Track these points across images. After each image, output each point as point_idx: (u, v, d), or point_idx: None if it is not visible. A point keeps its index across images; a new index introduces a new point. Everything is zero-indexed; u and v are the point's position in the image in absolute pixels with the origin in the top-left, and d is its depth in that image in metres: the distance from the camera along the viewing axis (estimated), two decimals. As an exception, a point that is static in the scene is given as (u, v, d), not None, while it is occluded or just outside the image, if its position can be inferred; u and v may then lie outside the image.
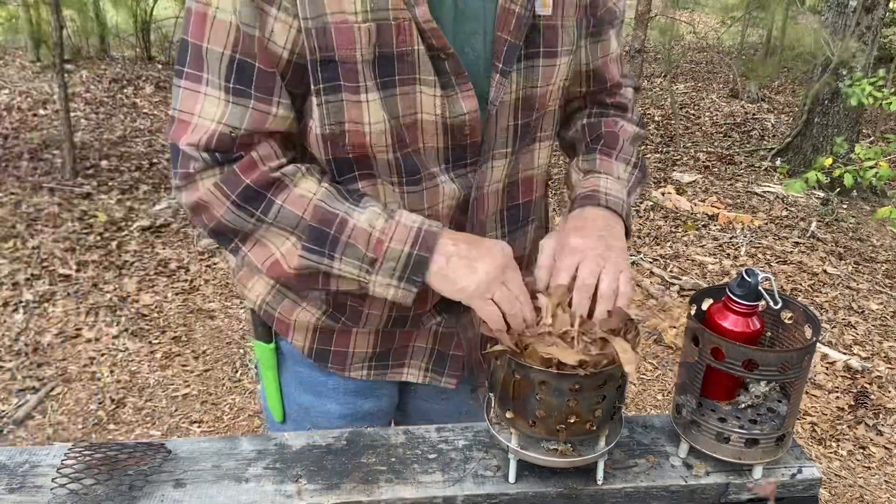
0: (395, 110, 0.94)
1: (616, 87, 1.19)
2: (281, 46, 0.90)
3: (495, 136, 1.03)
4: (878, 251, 4.39)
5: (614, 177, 1.10)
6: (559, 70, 1.04)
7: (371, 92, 0.92)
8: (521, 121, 1.04)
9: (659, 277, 3.88)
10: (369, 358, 1.18)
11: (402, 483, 1.00)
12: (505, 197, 1.10)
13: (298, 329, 1.17)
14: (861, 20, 5.10)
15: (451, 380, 1.21)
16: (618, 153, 1.13)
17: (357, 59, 0.89)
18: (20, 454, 1.03)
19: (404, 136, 0.96)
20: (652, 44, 8.50)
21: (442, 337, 1.17)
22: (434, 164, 1.01)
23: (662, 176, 5.35)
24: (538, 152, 1.11)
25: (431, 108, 0.95)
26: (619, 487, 1.01)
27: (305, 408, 1.25)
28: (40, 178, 4.77)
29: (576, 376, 0.92)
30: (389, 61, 0.91)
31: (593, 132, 1.17)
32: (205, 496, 0.97)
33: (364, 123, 0.93)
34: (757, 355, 0.96)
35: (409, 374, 1.21)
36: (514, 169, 1.09)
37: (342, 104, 0.92)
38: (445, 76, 0.94)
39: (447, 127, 0.97)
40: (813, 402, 2.96)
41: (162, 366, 3.07)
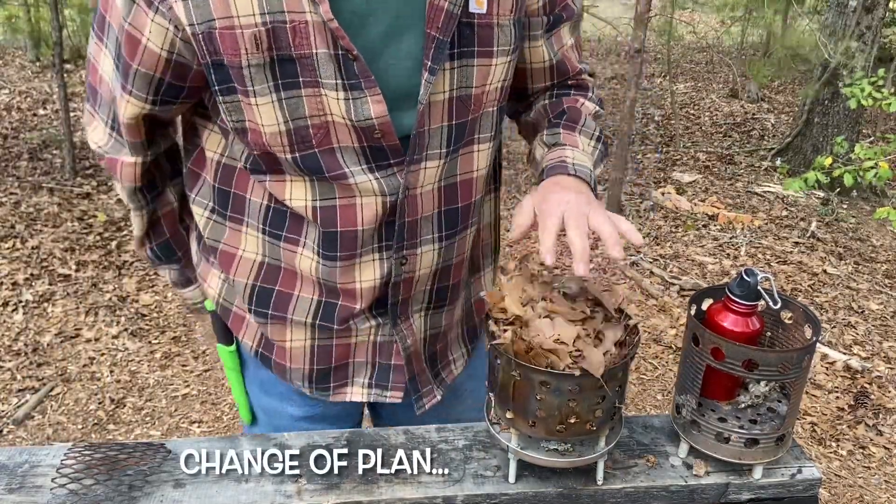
0: (300, 111, 0.93)
1: (577, 73, 1.19)
2: (158, 47, 0.92)
3: (428, 137, 1.00)
4: (878, 251, 4.39)
5: (579, 149, 1.10)
6: (495, 70, 1.02)
7: (261, 96, 0.92)
8: (456, 121, 1.02)
9: (659, 277, 3.88)
10: (308, 376, 1.17)
11: (402, 483, 1.00)
12: (441, 199, 1.07)
13: (250, 327, 1.17)
14: (861, 20, 5.10)
15: (396, 393, 1.18)
16: (580, 127, 1.13)
17: (243, 65, 0.90)
18: (20, 454, 1.03)
19: (309, 136, 0.95)
20: (652, 44, 8.50)
21: (380, 347, 1.15)
22: (353, 164, 0.99)
23: (662, 176, 5.35)
24: (477, 154, 1.08)
25: (338, 110, 0.94)
26: (619, 487, 1.01)
27: (268, 411, 1.25)
28: (40, 177, 4.77)
29: (576, 376, 0.92)
30: (290, 64, 0.90)
31: (555, 109, 1.16)
32: (205, 496, 0.97)
33: (259, 124, 0.94)
34: (757, 355, 0.96)
35: (352, 394, 1.19)
36: (452, 171, 1.06)
37: (239, 104, 0.94)
38: (353, 78, 0.92)
39: (357, 129, 0.96)
40: (813, 402, 2.96)
41: (162, 366, 3.06)
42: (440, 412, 1.26)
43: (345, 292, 1.08)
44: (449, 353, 1.25)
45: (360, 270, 1.07)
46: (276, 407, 1.23)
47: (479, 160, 1.08)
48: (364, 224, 1.03)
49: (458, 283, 1.18)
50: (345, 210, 1.02)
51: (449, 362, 1.25)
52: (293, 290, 1.11)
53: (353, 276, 1.07)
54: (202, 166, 1.11)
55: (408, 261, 1.08)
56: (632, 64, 4.28)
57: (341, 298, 1.09)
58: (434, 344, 1.20)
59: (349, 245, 1.04)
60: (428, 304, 1.16)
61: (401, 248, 1.07)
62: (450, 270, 1.14)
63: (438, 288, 1.15)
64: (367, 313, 1.12)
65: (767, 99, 7.64)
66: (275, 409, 1.24)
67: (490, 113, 1.06)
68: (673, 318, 3.50)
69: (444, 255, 1.11)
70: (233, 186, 1.08)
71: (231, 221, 1.11)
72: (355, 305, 1.10)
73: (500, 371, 0.97)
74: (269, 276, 1.11)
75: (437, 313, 1.18)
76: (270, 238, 1.08)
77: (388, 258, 1.07)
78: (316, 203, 1.02)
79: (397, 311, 1.12)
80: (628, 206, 4.73)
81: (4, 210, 4.26)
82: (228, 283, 1.16)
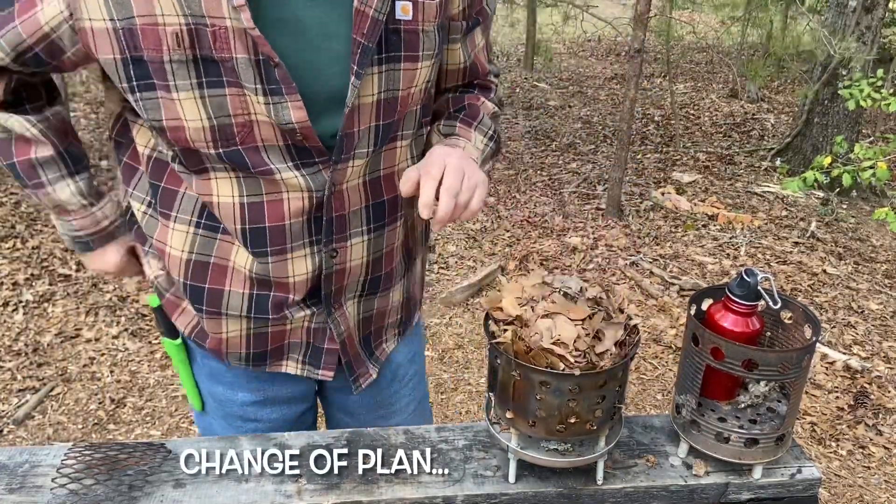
0: (224, 109, 0.95)
1: (486, 74, 1.24)
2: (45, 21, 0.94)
3: (357, 137, 1.03)
4: (878, 251, 4.39)
5: (472, 144, 1.15)
6: (420, 73, 1.06)
7: (183, 90, 0.93)
8: (383, 122, 1.05)
9: (659, 277, 3.88)
10: (245, 357, 1.19)
11: (402, 483, 1.00)
12: (368, 194, 1.10)
13: (185, 313, 1.19)
14: (861, 20, 5.10)
15: (326, 372, 1.23)
16: (477, 124, 1.18)
17: (164, 59, 0.91)
18: (20, 454, 1.03)
19: (232, 134, 0.97)
20: (651, 44, 8.50)
21: (314, 332, 1.18)
22: (278, 161, 1.01)
23: (662, 176, 5.35)
24: (400, 150, 1.12)
25: (262, 111, 0.96)
26: (619, 487, 1.01)
27: (218, 398, 1.27)
28: (40, 178, 4.77)
29: (576, 376, 0.92)
30: (212, 64, 0.93)
31: (457, 104, 1.21)
32: (205, 496, 0.97)
33: (182, 119, 0.96)
34: (756, 355, 0.96)
35: (287, 367, 1.22)
36: (376, 166, 1.10)
37: (158, 101, 0.95)
38: (274, 83, 0.94)
39: (282, 130, 0.98)
40: (813, 401, 2.96)
41: (162, 366, 3.06)
42: (375, 392, 1.32)
43: (278, 285, 1.11)
44: (384, 333, 1.29)
45: (293, 264, 1.09)
46: (227, 394, 1.25)
47: (400, 154, 1.13)
48: (291, 218, 1.05)
49: (392, 271, 1.21)
50: (272, 206, 1.04)
51: (382, 341, 1.29)
52: (224, 285, 1.12)
53: (286, 270, 1.09)
54: (137, 160, 1.12)
55: (338, 253, 1.11)
56: (631, 64, 4.28)
57: (274, 290, 1.12)
58: (368, 327, 1.24)
59: (278, 240, 1.07)
60: (362, 292, 1.19)
61: (330, 242, 1.09)
62: (381, 260, 1.18)
63: (372, 278, 1.18)
64: (301, 303, 1.14)
65: (767, 99, 7.64)
66: (225, 397, 1.26)
67: (414, 112, 1.11)
68: (673, 318, 3.50)
69: (374, 246, 1.15)
70: (163, 181, 1.09)
71: (161, 217, 1.12)
72: (288, 296, 1.13)
73: (500, 371, 0.97)
74: (197, 274, 1.12)
75: (370, 300, 1.21)
76: (206, 231, 1.09)
77: (318, 252, 1.10)
78: (243, 199, 1.04)
79: (331, 301, 1.15)
80: (628, 206, 4.73)
81: (4, 210, 4.26)
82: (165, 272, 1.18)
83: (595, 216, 4.61)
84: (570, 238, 4.29)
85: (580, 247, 4.18)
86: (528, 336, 0.98)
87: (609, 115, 6.84)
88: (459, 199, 1.01)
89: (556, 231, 4.39)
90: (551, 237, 4.31)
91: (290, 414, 1.29)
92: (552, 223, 4.50)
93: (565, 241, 4.25)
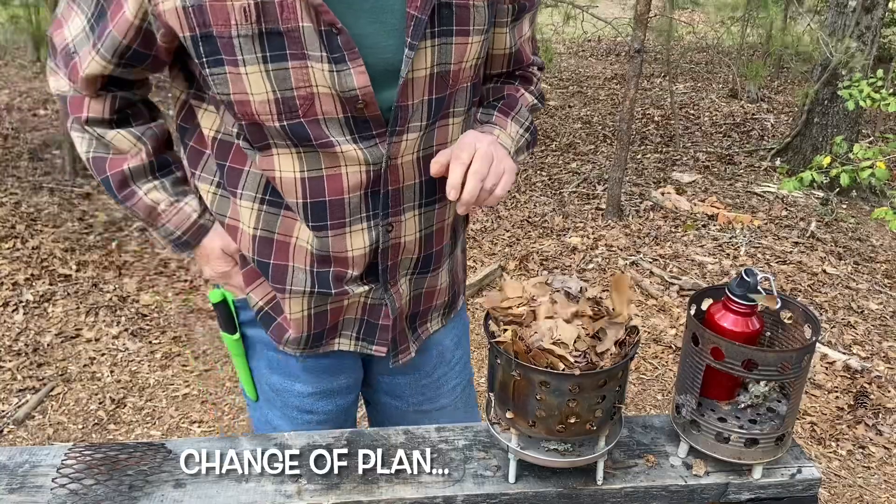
0: (287, 82, 0.99)
1: (529, 65, 1.28)
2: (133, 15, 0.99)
3: (411, 110, 1.06)
4: (878, 251, 4.39)
5: (506, 133, 1.19)
6: (471, 49, 1.09)
7: (250, 65, 0.97)
8: (436, 96, 1.09)
9: (659, 277, 3.88)
10: (304, 341, 1.22)
11: (402, 483, 1.00)
12: (421, 169, 1.13)
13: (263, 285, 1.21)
14: (861, 20, 5.10)
15: (380, 348, 1.26)
16: (514, 114, 1.22)
17: (233, 35, 0.95)
18: (20, 454, 1.03)
19: (295, 106, 1.01)
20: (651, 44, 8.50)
21: (370, 308, 1.22)
22: (337, 133, 1.04)
23: (662, 176, 5.35)
24: (451, 128, 1.15)
25: (324, 81, 0.99)
26: (619, 487, 1.01)
27: (276, 388, 1.30)
28: (40, 178, 4.77)
29: (576, 376, 0.92)
30: (277, 37, 0.96)
31: (497, 94, 1.26)
32: (205, 496, 0.97)
33: (248, 94, 1.00)
34: (756, 355, 0.96)
35: (340, 344, 1.26)
36: (429, 142, 1.13)
37: (226, 76, 0.99)
38: (337, 51, 0.98)
39: (342, 99, 1.01)
40: (812, 401, 2.96)
41: (162, 366, 3.07)
42: (423, 375, 1.37)
43: (337, 260, 1.14)
44: (429, 314, 1.33)
45: (351, 238, 1.12)
46: (285, 384, 1.29)
47: (452, 132, 1.15)
48: (350, 192, 1.08)
49: (441, 250, 1.25)
50: (331, 179, 1.07)
51: (427, 321, 1.33)
52: (287, 261, 1.16)
53: (344, 244, 1.12)
54: (203, 144, 1.16)
55: (393, 228, 1.14)
56: (631, 64, 4.28)
57: (333, 265, 1.15)
58: (417, 306, 1.28)
59: (338, 213, 1.10)
60: (414, 270, 1.23)
61: (386, 216, 1.13)
62: (432, 238, 1.21)
63: (424, 256, 1.22)
64: (359, 279, 1.17)
65: (767, 99, 7.64)
66: (283, 387, 1.29)
67: (465, 88, 1.13)
68: (673, 318, 3.50)
69: (425, 221, 1.18)
70: (228, 161, 1.13)
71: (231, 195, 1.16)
72: (348, 271, 1.15)
73: (500, 371, 0.98)
74: (263, 250, 1.16)
75: (421, 278, 1.25)
76: (270, 207, 1.13)
77: (375, 226, 1.13)
78: (304, 174, 1.07)
79: (387, 277, 1.18)
80: (628, 206, 4.73)
81: (5, 210, 4.26)
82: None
83: (595, 216, 4.62)
84: (570, 238, 4.29)
85: (580, 247, 4.18)
86: (528, 336, 0.98)
87: (609, 115, 6.84)
88: (485, 183, 1.05)
89: (556, 231, 4.39)
90: (551, 237, 4.31)
91: (343, 404, 1.33)
92: (552, 223, 4.50)
93: (565, 241, 4.25)
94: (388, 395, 1.40)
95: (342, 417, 1.34)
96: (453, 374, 1.42)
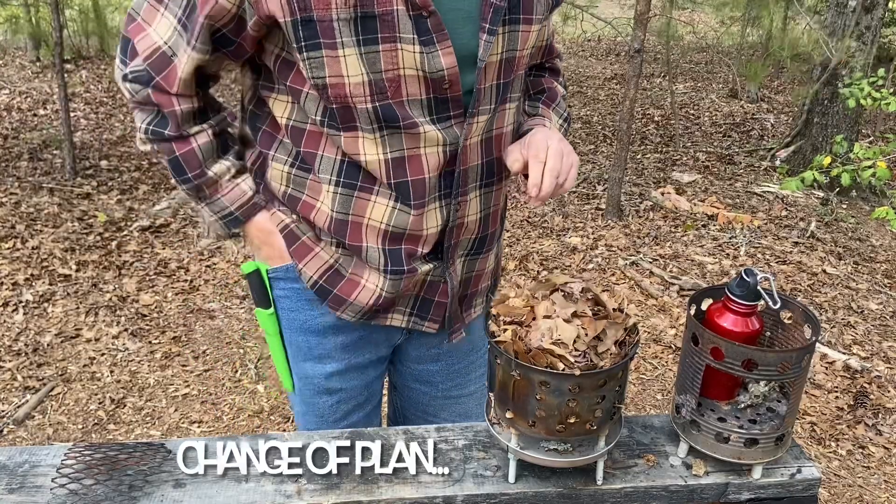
0: (377, 65, 1.04)
1: (556, 56, 1.39)
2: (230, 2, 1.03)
3: (483, 93, 1.12)
4: (878, 251, 4.39)
5: (553, 123, 1.29)
6: (532, 36, 1.16)
7: (348, 48, 1.02)
8: (503, 80, 1.15)
9: (658, 277, 3.88)
10: (364, 312, 1.25)
11: (402, 483, 1.00)
12: (484, 151, 1.20)
13: (317, 258, 1.23)
14: (860, 20, 5.10)
15: (432, 325, 1.30)
16: (555, 106, 1.34)
17: (333, 18, 1.00)
18: (20, 454, 1.03)
19: (385, 88, 1.05)
20: (651, 44, 8.50)
21: (430, 285, 1.26)
22: (419, 115, 1.09)
23: (662, 176, 5.35)
24: (508, 112, 1.21)
25: (413, 63, 1.04)
26: (619, 487, 1.01)
27: (305, 373, 1.33)
28: (40, 178, 4.77)
29: (576, 376, 0.92)
30: (371, 21, 1.01)
31: (536, 87, 1.36)
32: (205, 496, 0.97)
33: (344, 76, 1.04)
34: (756, 355, 0.96)
35: (393, 319, 1.29)
36: (491, 126, 1.19)
37: (323, 60, 1.03)
38: (426, 34, 1.03)
39: (428, 81, 1.06)
40: (812, 401, 2.96)
41: (162, 366, 3.07)
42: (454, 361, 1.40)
43: (410, 237, 1.19)
44: (475, 298, 1.36)
45: (428, 217, 1.18)
46: (315, 369, 1.32)
47: (508, 117, 1.22)
48: (430, 172, 1.14)
49: (495, 232, 1.31)
50: (413, 160, 1.13)
51: (472, 306, 1.37)
52: (361, 241, 1.19)
53: (422, 223, 1.17)
54: (276, 128, 1.20)
55: (460, 207, 1.20)
56: (631, 64, 4.28)
57: (405, 243, 1.19)
58: (467, 287, 1.32)
59: (420, 193, 1.15)
60: (469, 250, 1.28)
61: (457, 195, 1.18)
62: (488, 219, 1.27)
63: (480, 236, 1.28)
64: (425, 257, 1.22)
65: (767, 99, 7.65)
66: (314, 371, 1.32)
67: (521, 75, 1.22)
68: (673, 318, 3.50)
69: (484, 202, 1.24)
70: (302, 146, 1.17)
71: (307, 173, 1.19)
72: (418, 249, 1.19)
73: (500, 371, 0.98)
74: (339, 230, 1.20)
75: (473, 260, 1.30)
76: (344, 190, 1.16)
77: (447, 205, 1.19)
78: (387, 155, 1.11)
79: (449, 255, 1.23)
80: (628, 206, 4.73)
81: (5, 210, 4.26)
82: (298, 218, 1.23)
83: (595, 216, 4.62)
84: (569, 238, 4.29)
85: (580, 247, 4.18)
86: (528, 336, 0.98)
87: (609, 115, 6.84)
88: (559, 179, 1.13)
89: (555, 231, 4.39)
90: (551, 237, 4.31)
91: (368, 379, 1.36)
92: (552, 223, 4.50)
93: (565, 241, 4.25)
94: (418, 382, 1.43)
95: (365, 394, 1.37)
96: (482, 362, 1.45)
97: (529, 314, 1.01)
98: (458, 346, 1.38)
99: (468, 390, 1.44)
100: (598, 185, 5.11)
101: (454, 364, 1.41)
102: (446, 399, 1.43)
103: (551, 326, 0.99)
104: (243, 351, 3.18)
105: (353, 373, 1.33)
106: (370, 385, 1.37)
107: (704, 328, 0.99)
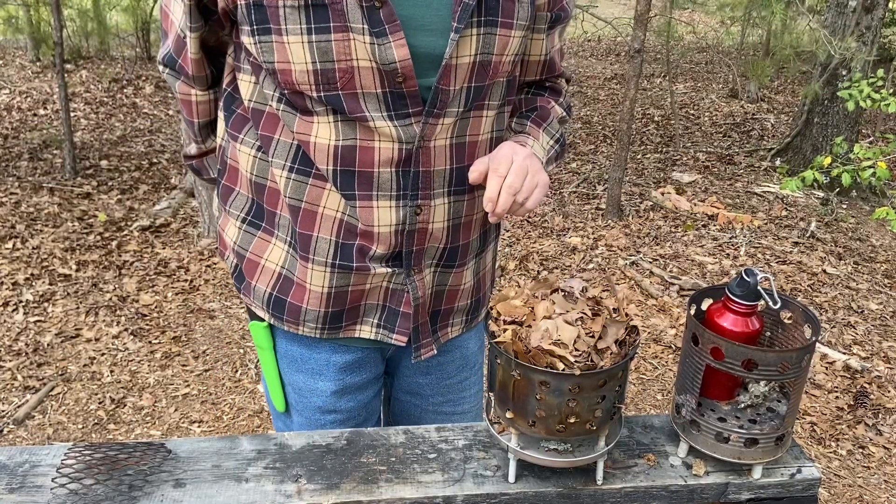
0: (329, 55, 1.03)
1: (559, 76, 1.33)
2: None
3: (451, 94, 1.10)
4: (878, 251, 4.39)
5: (539, 144, 1.23)
6: (512, 42, 1.13)
7: (293, 35, 1.02)
8: (475, 84, 1.12)
9: (658, 277, 3.88)
10: (322, 318, 1.22)
11: (402, 483, 1.00)
12: (453, 156, 1.16)
13: (264, 273, 1.22)
14: (861, 20, 5.10)
15: (400, 337, 1.25)
16: (546, 126, 1.26)
17: (280, 5, 1.01)
18: (20, 454, 1.03)
19: (334, 78, 1.05)
20: (651, 44, 8.50)
21: (392, 293, 1.22)
22: (374, 109, 1.07)
23: (662, 176, 5.35)
24: (485, 120, 1.18)
25: (365, 54, 1.03)
26: (619, 487, 1.01)
27: (299, 388, 1.29)
28: (40, 177, 4.77)
29: (576, 376, 0.92)
30: (322, 9, 1.01)
31: (529, 104, 1.29)
32: (205, 496, 0.97)
33: (290, 63, 1.04)
34: (756, 355, 0.96)
35: (361, 331, 1.25)
36: (462, 131, 1.15)
37: (272, 45, 1.04)
38: (378, 24, 1.02)
39: (382, 73, 1.04)
40: (812, 401, 2.96)
41: (162, 366, 3.07)
42: (446, 376, 1.38)
43: (363, 234, 1.16)
44: (451, 316, 1.32)
45: (379, 213, 1.14)
46: (309, 383, 1.29)
47: (485, 125, 1.18)
48: (380, 166, 1.11)
49: (468, 245, 1.26)
50: (364, 151, 1.10)
51: (448, 324, 1.32)
52: (312, 230, 1.17)
53: (371, 217, 1.14)
54: (245, 111, 1.20)
55: (422, 211, 1.16)
56: (631, 64, 4.28)
57: (359, 238, 1.16)
58: (440, 304, 1.28)
59: (366, 185, 1.12)
60: (439, 261, 1.23)
61: (416, 197, 1.15)
62: (459, 229, 1.22)
63: (451, 248, 1.23)
64: (382, 259, 1.18)
65: (767, 99, 7.65)
66: (307, 386, 1.29)
67: (501, 82, 1.18)
68: (673, 318, 3.50)
69: (454, 211, 1.20)
70: (260, 128, 1.16)
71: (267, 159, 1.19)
72: (372, 247, 1.17)
73: (500, 371, 0.98)
74: (293, 216, 1.18)
75: (446, 273, 1.25)
76: (298, 176, 1.15)
77: (403, 206, 1.15)
78: (339, 142, 1.10)
79: (411, 262, 1.19)
80: (628, 206, 4.73)
81: (5, 210, 4.26)
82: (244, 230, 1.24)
83: (595, 216, 4.62)
84: (569, 238, 4.29)
85: (580, 247, 4.18)
86: (528, 336, 0.98)
87: (609, 115, 6.84)
88: (518, 197, 1.09)
89: (555, 231, 4.39)
90: (551, 237, 4.31)
91: (365, 399, 1.33)
92: (552, 223, 4.50)
93: (565, 241, 4.25)
94: (408, 394, 1.40)
95: (364, 414, 1.34)
96: (476, 380, 1.42)
97: (529, 314, 1.01)
98: (448, 361, 1.35)
99: (462, 408, 1.41)
100: (599, 185, 5.11)
101: (445, 378, 1.38)
102: (438, 414, 1.40)
103: (551, 326, 0.98)
104: (243, 351, 3.18)
105: (349, 395, 1.30)
106: (368, 405, 1.35)
107: (704, 328, 0.99)
